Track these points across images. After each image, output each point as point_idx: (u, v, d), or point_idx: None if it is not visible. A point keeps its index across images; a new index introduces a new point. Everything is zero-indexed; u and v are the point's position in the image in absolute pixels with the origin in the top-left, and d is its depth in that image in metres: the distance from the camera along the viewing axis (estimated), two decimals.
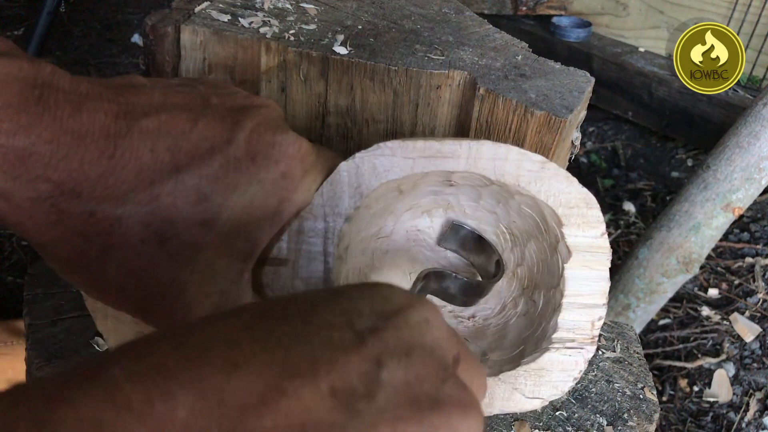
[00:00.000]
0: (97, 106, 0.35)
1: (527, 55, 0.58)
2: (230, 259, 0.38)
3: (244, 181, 0.38)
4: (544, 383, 0.47)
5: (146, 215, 0.35)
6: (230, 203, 0.37)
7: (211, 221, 0.37)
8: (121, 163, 0.35)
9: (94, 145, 0.34)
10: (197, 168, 0.36)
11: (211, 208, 0.37)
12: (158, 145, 0.36)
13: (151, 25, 0.51)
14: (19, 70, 0.33)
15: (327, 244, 0.44)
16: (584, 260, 0.46)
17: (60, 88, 0.34)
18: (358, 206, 0.44)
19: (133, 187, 0.35)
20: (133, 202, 0.35)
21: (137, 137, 0.35)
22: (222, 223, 0.37)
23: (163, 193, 0.35)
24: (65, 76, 0.35)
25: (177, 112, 0.37)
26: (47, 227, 0.34)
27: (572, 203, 0.45)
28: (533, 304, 0.51)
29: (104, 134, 0.34)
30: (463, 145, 0.44)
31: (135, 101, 0.37)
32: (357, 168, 0.44)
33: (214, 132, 0.38)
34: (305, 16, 0.58)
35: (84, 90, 0.35)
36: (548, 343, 0.47)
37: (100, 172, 0.34)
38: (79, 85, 0.35)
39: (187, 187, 0.36)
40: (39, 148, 0.33)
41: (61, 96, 0.34)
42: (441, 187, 0.49)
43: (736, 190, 1.13)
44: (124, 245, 0.35)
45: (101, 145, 0.34)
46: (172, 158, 0.36)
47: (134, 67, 2.05)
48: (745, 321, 1.40)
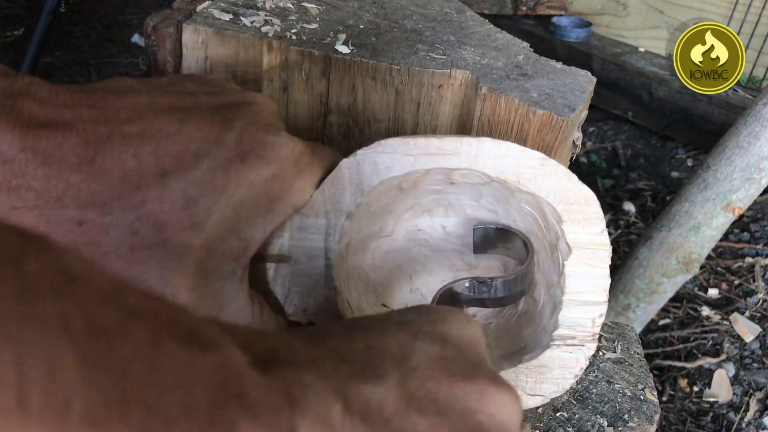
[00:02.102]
0: (74, 114, 0.35)
1: (529, 55, 0.58)
2: (222, 259, 0.38)
3: (234, 182, 0.38)
4: (545, 380, 0.47)
5: (134, 222, 0.35)
6: (219, 205, 0.37)
7: (201, 224, 0.36)
8: (102, 168, 0.34)
9: (71, 151, 0.34)
10: (184, 171, 0.36)
11: (199, 211, 0.36)
12: (142, 150, 0.35)
13: (153, 25, 0.51)
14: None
15: (328, 241, 0.44)
16: (584, 257, 0.46)
17: (36, 97, 0.34)
18: (359, 203, 0.44)
19: (119, 193, 0.35)
20: (119, 208, 0.35)
21: (119, 143, 0.35)
22: (212, 225, 0.37)
23: (150, 198, 0.35)
24: (44, 86, 0.35)
25: (162, 114, 0.37)
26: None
27: (572, 200, 0.45)
28: (534, 303, 0.51)
29: (83, 140, 0.34)
30: (464, 143, 0.44)
31: (119, 106, 0.36)
32: (358, 165, 0.44)
33: (202, 133, 0.37)
34: (307, 15, 0.58)
35: (62, 99, 0.35)
36: (549, 340, 0.47)
37: (82, 179, 0.34)
38: (58, 95, 0.35)
39: (174, 191, 0.36)
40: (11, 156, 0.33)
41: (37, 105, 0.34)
42: (442, 186, 0.49)
43: (736, 190, 1.13)
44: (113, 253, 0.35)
45: (79, 151, 0.34)
46: (158, 162, 0.36)
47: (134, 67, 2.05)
48: (745, 321, 1.40)
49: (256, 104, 0.41)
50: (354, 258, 0.49)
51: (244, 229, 0.39)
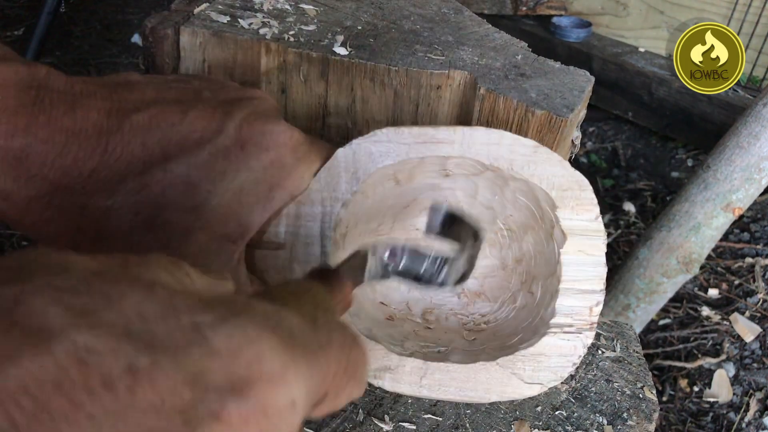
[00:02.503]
0: (90, 104, 0.36)
1: (527, 55, 0.58)
2: (221, 242, 0.39)
3: (234, 168, 0.39)
4: (543, 368, 0.47)
5: (135, 204, 0.36)
6: (219, 189, 0.38)
7: (201, 207, 0.38)
8: (113, 157, 0.36)
9: (87, 141, 0.35)
10: (186, 157, 0.37)
11: (200, 195, 0.38)
12: (149, 139, 0.37)
13: (151, 27, 0.52)
14: (15, 74, 0.34)
15: (324, 228, 0.45)
16: (580, 244, 0.46)
17: (55, 89, 0.35)
18: (355, 191, 0.45)
19: (123, 178, 0.36)
20: (122, 192, 0.36)
21: (128, 132, 0.36)
22: (211, 208, 0.38)
23: (152, 182, 0.36)
24: (61, 76, 0.36)
25: (168, 105, 0.38)
26: (43, 223, 0.35)
27: (565, 186, 0.45)
28: (531, 296, 0.51)
29: (97, 131, 0.35)
30: (458, 131, 0.45)
31: (128, 98, 0.38)
32: (354, 154, 0.44)
33: (204, 123, 0.39)
34: (305, 17, 0.58)
35: (78, 89, 0.36)
36: (546, 328, 0.47)
37: (93, 167, 0.35)
38: (73, 85, 0.36)
39: (175, 175, 0.37)
40: (36, 148, 0.34)
41: (56, 96, 0.35)
42: (437, 179, 0.49)
43: (736, 190, 1.13)
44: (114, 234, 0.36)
45: (94, 141, 0.35)
46: (162, 150, 0.37)
47: (134, 67, 2.05)
48: (745, 321, 1.40)
49: (257, 99, 0.43)
50: (351, 249, 0.49)
51: (243, 214, 0.40)
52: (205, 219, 0.38)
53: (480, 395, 0.47)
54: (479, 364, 0.47)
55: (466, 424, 0.49)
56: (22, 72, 0.34)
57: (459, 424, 0.49)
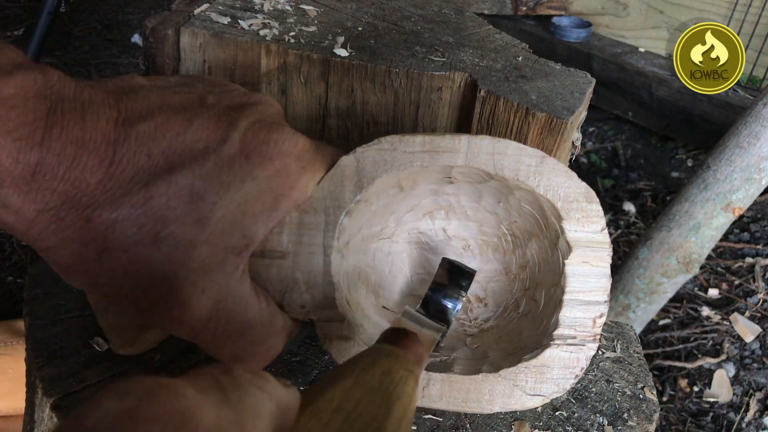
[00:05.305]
0: (99, 112, 0.35)
1: (528, 56, 0.58)
2: (225, 255, 0.39)
3: (238, 179, 0.38)
4: (546, 380, 0.47)
5: (140, 217, 0.36)
6: (224, 201, 0.38)
7: (205, 219, 0.37)
8: (119, 168, 0.35)
9: (95, 152, 0.34)
10: (190, 168, 0.37)
11: (204, 207, 0.37)
12: (154, 149, 0.36)
13: (151, 27, 0.52)
14: (33, 83, 0.33)
15: (327, 237, 0.45)
16: (585, 256, 0.46)
17: (66, 97, 0.34)
18: (359, 200, 0.45)
19: (128, 190, 0.35)
20: (127, 205, 0.35)
21: (135, 142, 0.36)
22: (216, 221, 0.38)
23: (157, 194, 0.36)
24: (70, 83, 0.35)
25: (172, 114, 0.38)
26: (48, 235, 0.35)
27: (571, 197, 0.45)
28: (535, 304, 0.51)
29: (105, 141, 0.35)
30: (463, 140, 0.44)
31: (133, 106, 0.37)
32: (357, 162, 0.44)
33: (208, 132, 0.38)
34: (305, 18, 0.58)
35: (87, 97, 0.35)
36: (549, 340, 0.47)
37: (100, 179, 0.35)
38: (82, 92, 0.35)
39: (180, 187, 0.36)
40: (49, 161, 0.33)
41: (67, 105, 0.34)
42: (441, 185, 0.49)
43: (736, 190, 1.13)
44: (118, 247, 0.36)
45: (102, 152, 0.35)
46: (167, 160, 0.36)
47: (134, 67, 2.05)
48: (745, 321, 1.40)
49: (261, 104, 0.42)
50: (353, 257, 0.49)
51: (247, 225, 0.39)
52: (209, 231, 0.37)
53: (482, 406, 0.47)
54: (481, 376, 0.46)
55: (466, 425, 0.50)
56: (39, 81, 0.34)
57: (459, 425, 0.49)
